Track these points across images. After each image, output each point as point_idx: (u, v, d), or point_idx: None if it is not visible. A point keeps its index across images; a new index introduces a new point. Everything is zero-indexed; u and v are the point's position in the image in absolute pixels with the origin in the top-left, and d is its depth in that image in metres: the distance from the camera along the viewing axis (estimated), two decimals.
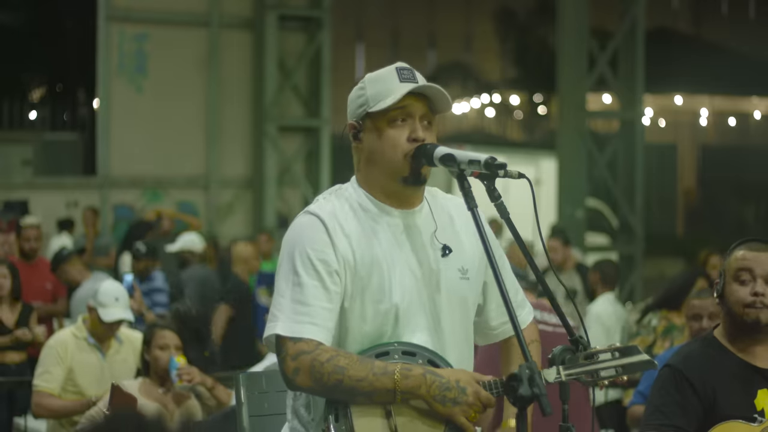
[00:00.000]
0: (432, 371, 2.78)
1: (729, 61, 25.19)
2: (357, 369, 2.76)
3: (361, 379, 2.75)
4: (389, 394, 2.76)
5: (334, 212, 2.90)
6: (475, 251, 2.99)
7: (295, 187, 16.21)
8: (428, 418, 2.79)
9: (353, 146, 2.98)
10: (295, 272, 2.85)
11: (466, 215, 2.92)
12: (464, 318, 2.98)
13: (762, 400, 3.49)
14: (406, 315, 2.88)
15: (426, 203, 2.99)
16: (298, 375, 2.78)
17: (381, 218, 2.92)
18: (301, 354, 2.79)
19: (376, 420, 2.78)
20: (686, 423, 3.46)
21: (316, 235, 2.86)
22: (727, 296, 3.53)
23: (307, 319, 2.81)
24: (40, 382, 5.82)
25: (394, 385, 2.75)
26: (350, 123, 2.96)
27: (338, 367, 2.76)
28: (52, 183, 16.79)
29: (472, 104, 27.65)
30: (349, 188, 2.97)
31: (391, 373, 2.75)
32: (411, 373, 2.76)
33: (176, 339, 5.36)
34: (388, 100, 2.88)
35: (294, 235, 2.90)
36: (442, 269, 2.93)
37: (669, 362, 3.58)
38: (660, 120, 27.57)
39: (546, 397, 2.54)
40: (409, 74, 2.92)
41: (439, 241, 2.94)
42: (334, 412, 2.77)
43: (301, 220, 2.92)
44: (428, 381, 2.76)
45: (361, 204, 2.93)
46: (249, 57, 16.35)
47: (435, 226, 2.96)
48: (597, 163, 15.47)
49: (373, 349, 2.84)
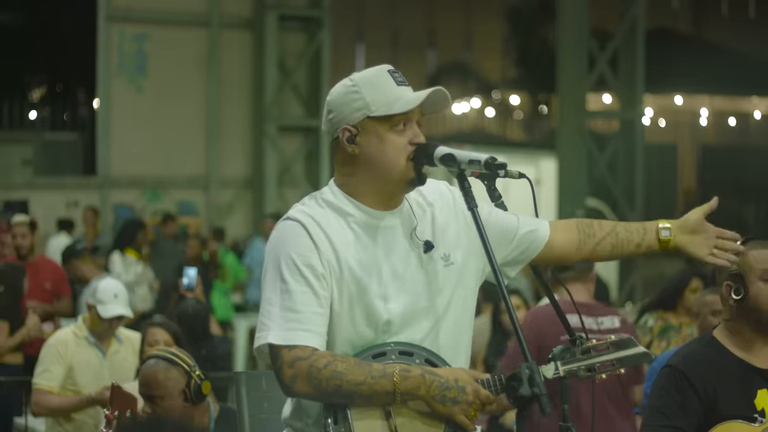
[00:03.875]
0: (431, 371, 2.77)
1: (729, 61, 25.16)
2: (355, 373, 2.75)
3: (360, 383, 2.74)
4: (389, 396, 2.75)
5: (314, 216, 2.87)
6: (458, 230, 2.96)
7: (295, 187, 16.21)
8: (427, 417, 2.78)
9: (342, 149, 2.91)
10: (282, 279, 2.82)
11: (439, 194, 2.93)
12: (456, 307, 2.93)
13: (762, 400, 3.49)
14: (394, 317, 2.86)
15: (405, 200, 2.96)
16: (296, 382, 2.77)
17: (362, 221, 2.89)
18: (297, 360, 2.77)
19: (376, 421, 2.77)
20: (686, 424, 3.46)
21: (299, 240, 2.84)
22: (754, 296, 3.52)
23: (299, 326, 2.79)
24: (40, 381, 5.83)
25: (394, 387, 2.74)
26: (345, 127, 2.89)
27: (336, 372, 2.74)
28: (52, 183, 16.79)
29: (472, 104, 27.63)
30: (328, 193, 2.93)
31: (390, 375, 2.75)
32: (410, 374, 2.75)
33: (166, 335, 5.34)
34: (397, 107, 2.86)
35: (277, 242, 2.88)
36: (426, 266, 2.90)
37: (669, 362, 3.58)
38: (660, 120, 27.54)
39: (546, 397, 2.53)
40: (401, 78, 2.91)
41: (419, 239, 2.92)
42: (332, 415, 2.77)
43: (281, 226, 2.89)
44: (427, 381, 2.75)
45: (343, 208, 2.90)
46: (249, 57, 16.36)
47: (415, 222, 2.93)
48: (597, 163, 15.47)
49: (369, 350, 2.83)
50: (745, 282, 3.54)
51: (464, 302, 2.96)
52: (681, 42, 25.97)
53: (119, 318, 6.00)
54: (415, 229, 2.92)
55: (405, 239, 2.91)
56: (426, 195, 2.99)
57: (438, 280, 2.91)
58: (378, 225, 2.90)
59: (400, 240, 2.91)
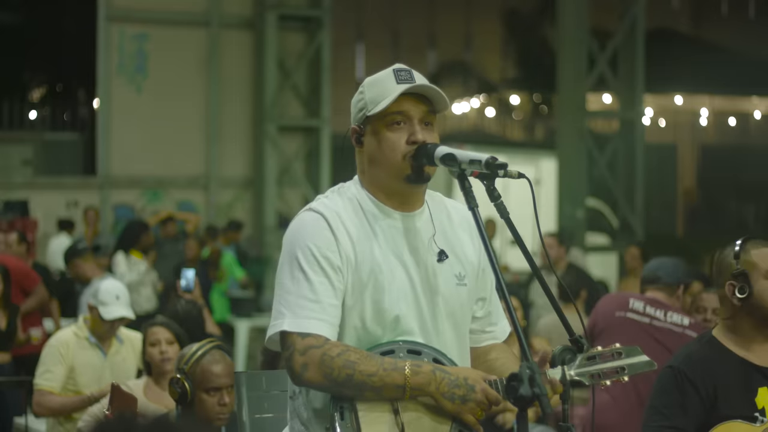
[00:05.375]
0: (441, 368, 2.78)
1: (729, 61, 25.15)
2: (367, 364, 2.75)
3: (372, 374, 2.74)
4: (399, 390, 2.75)
5: (336, 210, 2.90)
6: (476, 258, 3.00)
7: (295, 187, 16.21)
8: (434, 415, 2.79)
9: (356, 150, 2.98)
10: (300, 269, 2.83)
11: (468, 221, 2.93)
12: (458, 325, 2.96)
13: (762, 399, 3.49)
14: (402, 318, 2.87)
15: (426, 207, 2.98)
16: (308, 370, 2.77)
17: (381, 220, 2.92)
18: (310, 349, 2.77)
19: (383, 417, 2.77)
20: (687, 423, 3.47)
21: (319, 232, 2.86)
22: (759, 294, 3.54)
23: (314, 315, 2.80)
24: (41, 381, 5.83)
25: (405, 381, 2.74)
26: (352, 127, 2.96)
27: (349, 361, 2.75)
28: (52, 183, 16.79)
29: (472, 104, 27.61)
30: (352, 187, 2.97)
31: (401, 369, 2.75)
32: (421, 370, 2.76)
33: (167, 333, 5.35)
34: (384, 102, 2.87)
35: (296, 232, 2.89)
36: (438, 274, 2.92)
37: (670, 363, 3.58)
38: (660, 120, 27.54)
39: (546, 397, 2.54)
40: (406, 75, 2.90)
41: (437, 246, 2.94)
42: (339, 410, 2.76)
43: (303, 216, 2.91)
44: (438, 378, 2.76)
45: (363, 204, 2.93)
46: (249, 57, 16.36)
47: (433, 230, 2.95)
48: (597, 163, 15.47)
49: (378, 347, 2.84)
50: (749, 280, 3.55)
51: (463, 322, 2.99)
52: (681, 42, 25.95)
53: (120, 319, 6.00)
54: (433, 236, 2.94)
55: (421, 244, 2.93)
56: (452, 214, 3.02)
57: (446, 291, 2.93)
58: (395, 225, 2.93)
59: (417, 243, 2.93)
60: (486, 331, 3.09)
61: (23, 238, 8.97)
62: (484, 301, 3.07)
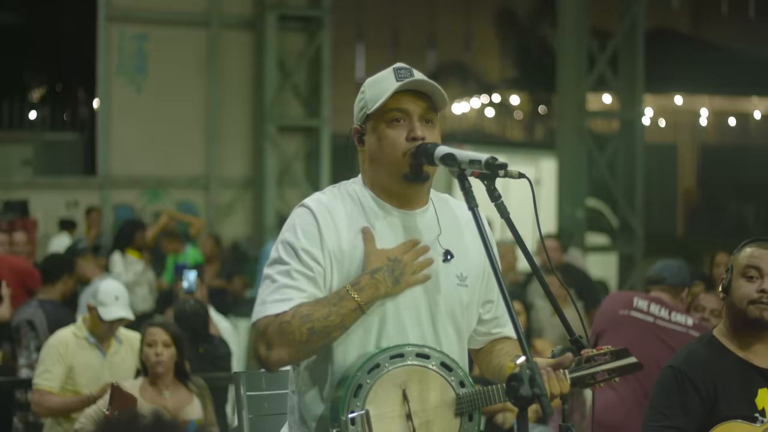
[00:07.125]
0: (374, 269, 2.83)
1: (729, 61, 25.14)
2: (319, 309, 2.79)
3: (326, 315, 2.78)
4: (357, 311, 2.80)
5: (328, 205, 2.91)
6: (480, 261, 2.99)
7: (295, 187, 16.20)
8: (445, 418, 2.81)
9: (358, 149, 3.00)
10: (282, 261, 2.86)
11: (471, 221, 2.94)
12: (457, 324, 2.96)
13: (763, 400, 3.49)
14: (395, 315, 2.87)
15: (432, 207, 2.99)
16: (272, 347, 2.79)
17: (380, 216, 2.93)
18: (268, 327, 2.80)
19: (395, 421, 2.78)
20: (687, 423, 3.46)
21: (303, 226, 2.88)
22: (733, 291, 3.53)
23: (274, 298, 2.83)
24: (40, 381, 5.83)
25: (356, 302, 2.79)
26: (354, 127, 2.97)
27: (304, 317, 2.78)
28: (52, 183, 16.78)
29: (471, 104, 27.61)
30: (353, 184, 2.99)
31: (346, 295, 2.80)
32: (361, 284, 2.81)
33: (164, 335, 5.35)
34: (381, 99, 2.89)
35: (286, 226, 2.93)
36: (440, 274, 2.93)
37: (671, 363, 3.58)
38: (660, 120, 27.53)
39: (546, 397, 2.53)
40: (406, 73, 2.91)
41: (441, 246, 2.94)
42: (350, 416, 2.76)
43: (295, 211, 2.95)
44: (378, 278, 2.82)
45: (363, 200, 2.94)
46: (249, 57, 16.35)
47: (439, 231, 2.95)
48: (597, 163, 15.46)
49: (388, 351, 2.83)
50: (730, 278, 3.56)
51: (462, 322, 2.98)
52: (681, 42, 25.94)
53: (120, 320, 6.00)
54: (438, 236, 2.95)
55: (425, 243, 2.92)
56: (459, 216, 3.02)
57: (446, 291, 2.94)
58: (393, 222, 2.93)
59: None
60: (492, 333, 3.10)
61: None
62: (492, 303, 3.07)
